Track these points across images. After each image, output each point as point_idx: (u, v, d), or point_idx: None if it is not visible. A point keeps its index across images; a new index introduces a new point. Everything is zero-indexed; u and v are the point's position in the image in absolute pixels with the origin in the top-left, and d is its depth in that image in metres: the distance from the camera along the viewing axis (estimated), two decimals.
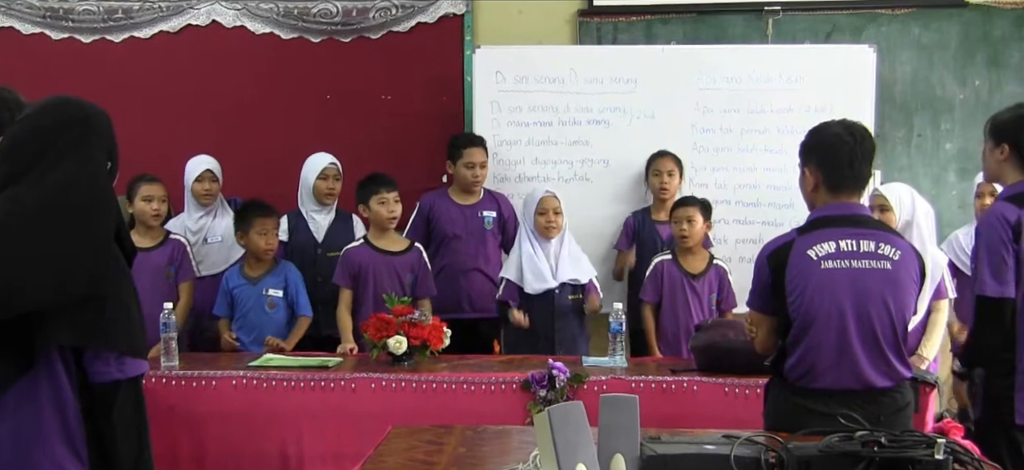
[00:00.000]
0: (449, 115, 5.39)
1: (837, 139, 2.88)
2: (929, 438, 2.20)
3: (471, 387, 3.83)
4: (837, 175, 2.87)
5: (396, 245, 4.59)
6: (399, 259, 4.55)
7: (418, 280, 4.57)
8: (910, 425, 2.79)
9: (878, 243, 2.83)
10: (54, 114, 2.14)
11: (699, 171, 5.04)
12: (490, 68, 5.14)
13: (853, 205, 2.91)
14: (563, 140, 5.14)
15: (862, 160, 2.88)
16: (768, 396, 2.97)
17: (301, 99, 5.48)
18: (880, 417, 2.70)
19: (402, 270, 4.54)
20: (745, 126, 5.06)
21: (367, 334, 4.00)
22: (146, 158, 4.97)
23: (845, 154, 2.86)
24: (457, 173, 4.91)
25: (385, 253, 4.55)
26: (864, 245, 2.81)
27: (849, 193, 2.89)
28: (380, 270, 4.50)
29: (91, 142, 2.14)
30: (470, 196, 4.92)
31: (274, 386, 3.87)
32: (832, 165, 2.87)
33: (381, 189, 4.52)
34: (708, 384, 3.78)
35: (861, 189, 2.93)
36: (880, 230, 2.93)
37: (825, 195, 2.89)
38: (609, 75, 5.11)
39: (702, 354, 3.90)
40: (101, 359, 2.18)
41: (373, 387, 3.84)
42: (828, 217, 2.86)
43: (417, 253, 4.60)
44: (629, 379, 3.83)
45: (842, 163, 2.86)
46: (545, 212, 4.47)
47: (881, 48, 5.17)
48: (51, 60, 5.46)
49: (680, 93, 5.09)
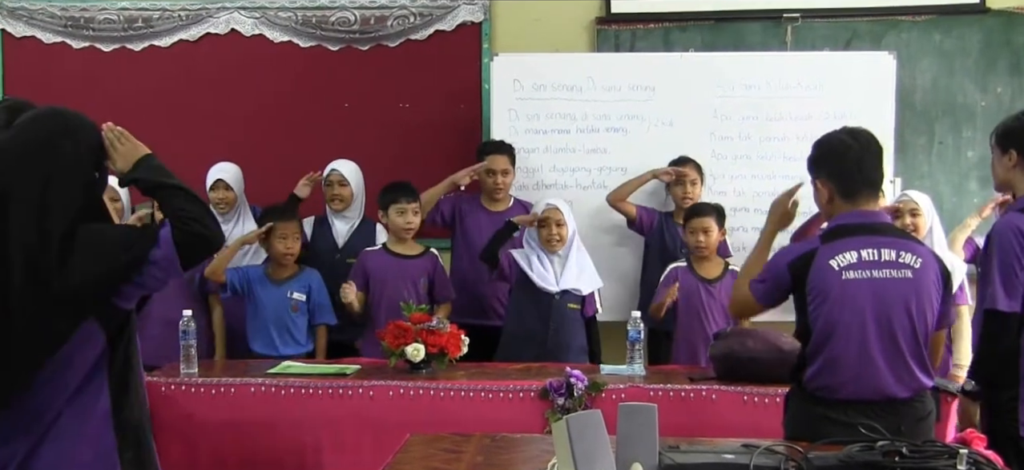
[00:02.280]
0: (467, 123, 5.39)
1: (842, 145, 2.88)
2: (951, 448, 2.19)
3: (489, 395, 3.83)
4: (849, 182, 2.86)
5: (411, 250, 4.61)
6: (412, 263, 4.58)
7: (434, 284, 4.58)
8: (932, 435, 2.78)
9: (899, 251, 2.81)
10: (39, 126, 2.15)
11: (718, 179, 5.02)
12: (508, 76, 5.14)
13: (872, 212, 2.90)
14: (581, 148, 5.13)
15: (871, 163, 2.88)
16: (788, 405, 2.96)
17: (320, 107, 5.50)
18: (901, 427, 2.68)
19: (416, 274, 4.56)
20: (764, 134, 5.04)
21: (385, 342, 4.01)
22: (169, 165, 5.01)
23: (852, 159, 2.85)
24: (480, 180, 4.92)
25: (399, 257, 4.57)
26: (885, 254, 2.80)
27: (865, 199, 2.88)
28: (394, 274, 4.52)
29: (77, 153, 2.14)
30: (499, 203, 4.93)
31: (292, 394, 3.87)
32: (842, 173, 2.87)
33: (400, 198, 4.55)
34: (727, 393, 3.77)
35: (876, 193, 2.93)
36: (901, 238, 2.91)
37: (842, 204, 2.88)
38: (627, 82, 5.10)
39: (721, 362, 3.89)
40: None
41: (391, 395, 3.84)
42: (849, 226, 2.85)
43: (432, 258, 4.62)
44: (647, 387, 3.82)
45: (851, 169, 2.86)
46: (547, 224, 4.45)
47: (901, 55, 5.13)
48: (72, 69, 5.50)
49: (698, 100, 5.07)
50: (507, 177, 4.89)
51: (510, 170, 4.90)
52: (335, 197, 4.84)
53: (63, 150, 2.13)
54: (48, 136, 2.14)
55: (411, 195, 4.58)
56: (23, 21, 5.56)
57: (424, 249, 4.66)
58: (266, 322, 4.49)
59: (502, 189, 4.89)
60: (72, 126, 2.19)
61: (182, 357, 3.99)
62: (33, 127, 2.15)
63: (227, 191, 4.79)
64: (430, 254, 4.64)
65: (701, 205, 4.63)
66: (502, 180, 4.87)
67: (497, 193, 4.90)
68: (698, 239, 4.46)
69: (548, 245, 4.46)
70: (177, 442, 3.83)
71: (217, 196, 4.79)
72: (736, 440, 2.51)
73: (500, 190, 4.89)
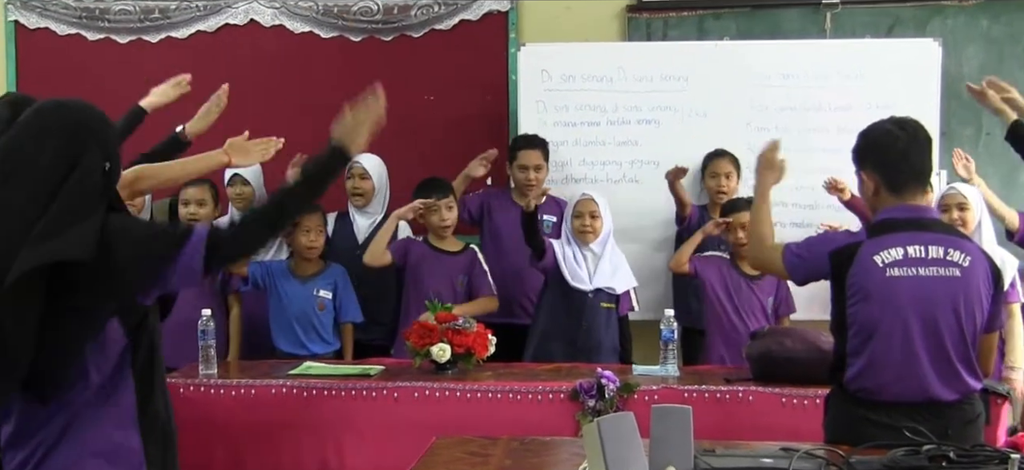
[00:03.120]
0: (494, 115, 5.40)
1: (888, 135, 2.86)
2: (1002, 453, 2.17)
3: (517, 396, 3.83)
4: (895, 173, 2.85)
5: (452, 246, 4.64)
6: (452, 260, 4.61)
7: (472, 282, 4.60)
8: (981, 439, 2.76)
9: (947, 249, 2.78)
10: (43, 120, 2.16)
11: (754, 172, 4.97)
12: (535, 66, 5.14)
13: (920, 207, 2.88)
14: (611, 140, 5.12)
15: (918, 154, 2.86)
16: (829, 407, 2.95)
17: (342, 99, 5.46)
18: (948, 430, 2.66)
19: (454, 271, 4.59)
20: (802, 125, 5.01)
21: (410, 342, 4.02)
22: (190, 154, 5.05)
23: (899, 150, 2.83)
24: (512, 175, 4.94)
25: (439, 252, 4.62)
26: (933, 251, 2.77)
27: (912, 192, 2.86)
28: (432, 269, 4.56)
29: (85, 145, 2.15)
30: (531, 199, 4.92)
31: (314, 395, 3.89)
32: (888, 164, 2.85)
33: (433, 196, 4.58)
34: (764, 394, 3.75)
35: (924, 185, 2.91)
36: (949, 235, 2.88)
37: (888, 197, 2.86)
38: (659, 72, 5.08)
39: (758, 363, 3.87)
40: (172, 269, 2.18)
41: (416, 396, 3.85)
42: (895, 220, 2.83)
43: (471, 255, 4.65)
44: (681, 389, 3.81)
45: (897, 159, 2.84)
46: (581, 215, 4.47)
47: (947, 42, 5.08)
48: (87, 62, 5.55)
49: (733, 91, 5.04)
50: (540, 173, 4.88)
51: (543, 166, 4.89)
52: (356, 191, 4.86)
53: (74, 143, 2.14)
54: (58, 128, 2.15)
55: (443, 191, 4.60)
56: (36, 12, 5.61)
57: (464, 246, 4.68)
58: (290, 320, 4.51)
59: (534, 185, 4.88)
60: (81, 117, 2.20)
61: (201, 357, 4.01)
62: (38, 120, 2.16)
63: (245, 186, 4.82)
64: (470, 251, 4.66)
65: (738, 200, 4.61)
66: (534, 176, 4.86)
67: (529, 189, 4.90)
68: (737, 236, 4.44)
69: (581, 237, 4.47)
70: (195, 445, 3.82)
71: (235, 191, 4.82)
72: (774, 443, 2.50)
73: (532, 186, 4.88)
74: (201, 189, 4.61)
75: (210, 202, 4.65)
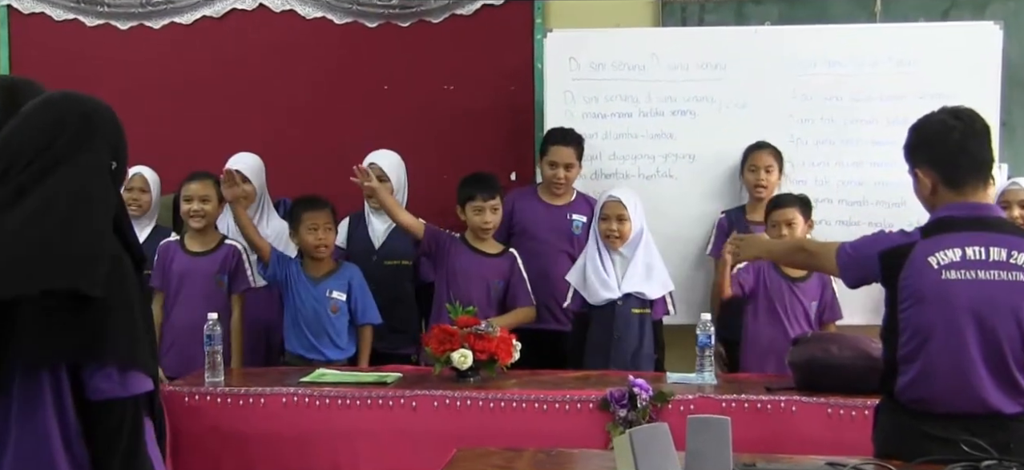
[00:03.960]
0: (518, 107, 5.40)
1: (942, 126, 2.84)
2: None
3: (544, 406, 3.83)
4: (953, 168, 2.82)
5: (491, 248, 4.65)
6: (489, 262, 4.62)
7: (509, 289, 4.61)
8: None
9: (1011, 251, 2.75)
10: (50, 112, 2.18)
11: (797, 166, 4.96)
12: (563, 54, 5.13)
13: (981, 205, 2.84)
14: (644, 133, 5.11)
15: (977, 144, 2.82)
16: (878, 418, 2.93)
17: (356, 89, 5.54)
18: (1010, 444, 2.63)
19: (491, 276, 4.60)
20: (849, 116, 4.99)
21: (429, 347, 4.03)
22: (190, 154, 5.10)
23: (955, 141, 2.80)
24: (542, 172, 4.94)
25: (477, 253, 4.62)
26: (994, 253, 2.75)
27: (973, 188, 2.83)
28: (466, 270, 4.57)
29: (92, 141, 2.17)
30: (559, 197, 4.94)
31: (328, 404, 3.90)
32: (944, 158, 2.82)
33: (477, 195, 4.59)
34: (809, 404, 3.73)
35: (985, 179, 2.87)
36: (1014, 235, 2.83)
37: (947, 194, 2.83)
38: (695, 60, 5.07)
39: (801, 370, 3.86)
40: (102, 372, 2.08)
41: (436, 405, 3.86)
42: (954, 219, 2.80)
43: (510, 259, 4.64)
44: (719, 398, 3.80)
45: (954, 152, 2.81)
46: (607, 218, 4.47)
47: (1008, 25, 5.03)
48: (85, 49, 5.58)
49: (775, 80, 5.02)
50: (571, 171, 4.88)
51: (575, 164, 4.88)
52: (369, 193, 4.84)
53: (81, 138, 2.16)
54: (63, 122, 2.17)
55: (490, 191, 4.60)
56: None
57: (503, 248, 4.68)
58: (302, 324, 4.51)
59: (564, 183, 4.89)
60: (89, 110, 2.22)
61: (207, 364, 4.02)
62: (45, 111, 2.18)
63: (245, 184, 4.83)
64: (508, 254, 4.65)
65: (783, 196, 4.60)
66: (565, 174, 4.86)
67: (558, 187, 4.91)
68: (781, 233, 4.42)
69: (608, 242, 4.47)
70: (201, 457, 3.88)
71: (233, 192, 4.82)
72: (819, 458, 2.49)
73: (562, 185, 4.89)
74: (205, 185, 4.60)
75: (214, 198, 4.61)
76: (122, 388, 2.09)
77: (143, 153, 4.35)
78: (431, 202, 4.98)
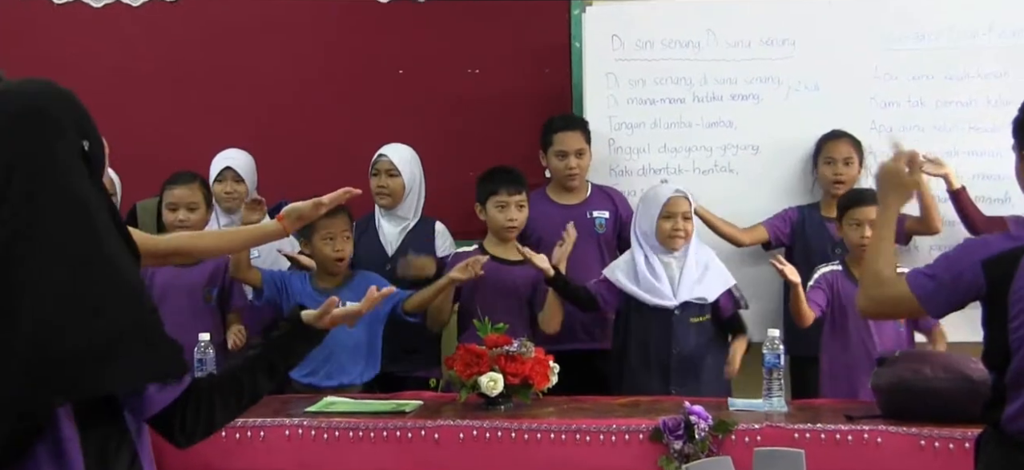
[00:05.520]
0: (553, 92, 5.38)
1: None
2: None
3: (586, 437, 3.80)
4: None
5: (517, 255, 4.61)
6: (518, 271, 4.62)
7: (536, 295, 4.62)
8: None
9: None
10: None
11: (880, 157, 4.86)
12: (605, 31, 5.14)
13: None
14: (700, 121, 5.12)
15: None
16: (980, 452, 2.88)
17: (367, 74, 5.54)
18: None
19: (521, 284, 4.60)
20: (942, 97, 4.98)
21: (453, 370, 4.02)
22: (174, 150, 5.14)
23: None
24: (549, 165, 4.95)
25: (501, 262, 4.62)
26: None
27: None
28: (492, 283, 4.55)
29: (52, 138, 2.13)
30: (572, 194, 4.93)
31: (337, 437, 3.88)
32: None
33: (500, 190, 4.61)
34: (896, 435, 3.68)
35: None
36: None
37: None
38: (759, 36, 5.08)
39: (888, 395, 3.81)
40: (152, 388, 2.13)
41: (462, 437, 3.83)
42: None
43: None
44: (791, 427, 3.74)
45: None
46: (672, 216, 4.45)
47: None
48: (53, 28, 5.59)
49: (854, 56, 5.03)
50: (582, 158, 4.90)
51: (586, 149, 4.91)
52: (383, 190, 4.84)
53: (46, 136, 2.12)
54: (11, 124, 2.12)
55: (515, 185, 4.62)
56: None
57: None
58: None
59: (577, 173, 4.88)
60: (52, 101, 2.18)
61: None
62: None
63: (237, 184, 4.82)
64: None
65: (863, 192, 4.57)
66: (576, 162, 4.88)
67: (570, 181, 4.88)
68: (862, 234, 4.39)
69: (671, 243, 4.46)
70: None
71: (224, 189, 4.83)
72: None
73: (575, 175, 4.88)
74: (191, 189, 4.61)
75: (202, 204, 4.64)
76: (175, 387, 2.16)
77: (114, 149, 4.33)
78: (452, 204, 5.01)
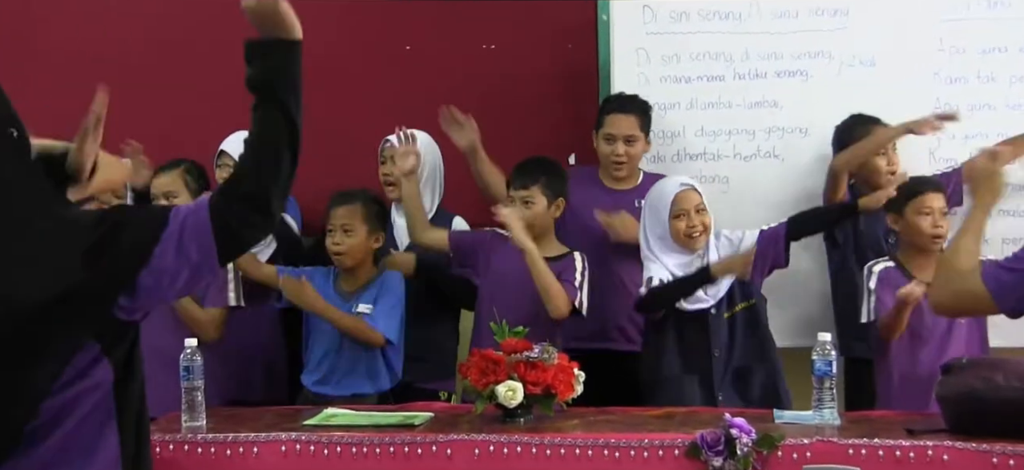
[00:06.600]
0: (577, 71, 5.40)
1: None
2: None
3: (615, 453, 3.78)
4: None
5: (545, 250, 4.58)
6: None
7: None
8: None
9: None
10: None
11: (944, 142, 4.94)
12: (635, 1, 5.14)
13: None
14: (741, 101, 5.14)
15: None
16: None
17: (372, 52, 5.55)
18: None
19: None
20: (1015, 72, 4.98)
21: (467, 379, 4.00)
22: (169, 137, 5.16)
23: None
24: (598, 147, 4.96)
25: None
26: None
27: None
28: (512, 279, 4.53)
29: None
30: (622, 181, 4.94)
31: (339, 453, 3.87)
32: None
33: (515, 181, 4.63)
34: (964, 452, 3.64)
35: None
36: None
37: None
38: (807, 5, 5.09)
39: (955, 407, 3.77)
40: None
41: (477, 452, 3.82)
42: None
43: (568, 263, 4.60)
44: (844, 442, 3.72)
45: None
46: (684, 214, 4.48)
47: None
48: (36, 12, 5.58)
49: (914, 28, 5.04)
50: (633, 146, 4.90)
51: (638, 136, 4.91)
52: (389, 179, 4.86)
53: None
54: None
55: (521, 181, 4.62)
56: None
57: (565, 251, 4.64)
58: (322, 351, 4.59)
59: (625, 162, 4.89)
60: None
61: (184, 404, 4.00)
62: None
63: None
64: (569, 258, 4.61)
65: (925, 179, 4.56)
66: (625, 149, 4.88)
67: (619, 168, 4.90)
68: (935, 222, 4.38)
69: (689, 243, 4.48)
70: None
71: (222, 176, 4.87)
72: None
73: (623, 163, 4.89)
74: (172, 176, 4.70)
75: (184, 191, 4.69)
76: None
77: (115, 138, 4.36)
78: (469, 193, 5.01)
